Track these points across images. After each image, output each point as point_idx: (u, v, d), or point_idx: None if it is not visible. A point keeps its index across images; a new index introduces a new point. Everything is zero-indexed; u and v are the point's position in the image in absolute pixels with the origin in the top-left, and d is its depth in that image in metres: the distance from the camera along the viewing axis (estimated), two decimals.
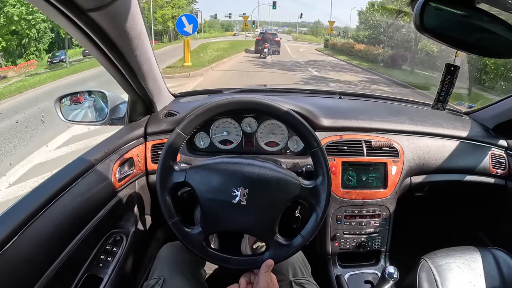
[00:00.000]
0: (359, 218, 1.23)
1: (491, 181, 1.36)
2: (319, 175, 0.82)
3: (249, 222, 0.81)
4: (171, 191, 0.83)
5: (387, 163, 1.21)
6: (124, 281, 1.03)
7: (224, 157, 0.86)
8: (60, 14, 0.68)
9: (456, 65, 0.88)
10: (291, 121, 0.83)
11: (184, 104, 1.37)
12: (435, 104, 0.94)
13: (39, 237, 0.75)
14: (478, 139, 1.36)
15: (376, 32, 22.53)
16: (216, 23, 54.38)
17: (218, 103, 0.83)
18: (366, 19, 24.35)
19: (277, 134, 1.25)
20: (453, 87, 0.90)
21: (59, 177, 0.88)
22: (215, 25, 53.89)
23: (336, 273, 1.21)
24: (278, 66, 13.53)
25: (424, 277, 1.05)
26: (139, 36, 0.88)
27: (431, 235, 1.62)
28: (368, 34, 23.80)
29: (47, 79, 12.63)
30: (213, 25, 53.06)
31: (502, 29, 0.83)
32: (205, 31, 44.57)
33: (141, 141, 1.20)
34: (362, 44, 20.74)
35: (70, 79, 12.46)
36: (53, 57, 18.20)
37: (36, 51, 19.10)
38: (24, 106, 8.16)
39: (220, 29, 51.78)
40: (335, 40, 28.06)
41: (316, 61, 17.43)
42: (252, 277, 0.81)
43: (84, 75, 13.01)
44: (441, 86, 0.91)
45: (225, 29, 53.22)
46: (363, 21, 25.70)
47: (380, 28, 22.13)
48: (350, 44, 22.26)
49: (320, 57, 20.75)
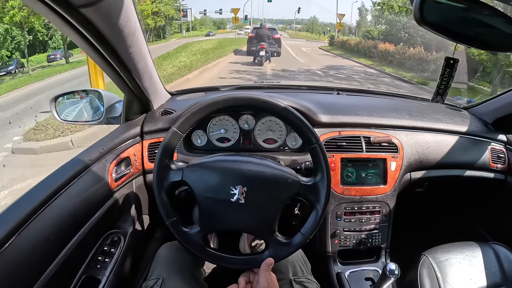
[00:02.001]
0: (359, 214, 1.22)
1: (491, 176, 1.35)
2: (318, 172, 0.81)
3: (248, 220, 0.80)
4: (168, 190, 0.82)
5: (387, 159, 1.20)
6: (122, 282, 1.02)
7: (222, 155, 0.85)
8: (52, 12, 0.67)
9: (456, 58, 0.88)
10: (289, 118, 0.82)
11: (181, 102, 1.36)
12: (435, 97, 0.95)
13: (36, 238, 0.74)
14: (477, 134, 1.35)
15: (393, 28, 18.51)
16: (207, 21, 53.11)
17: (214, 100, 0.82)
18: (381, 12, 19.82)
19: (275, 131, 1.24)
20: (452, 80, 0.90)
21: (55, 178, 0.87)
22: (207, 22, 52.67)
23: (337, 270, 1.20)
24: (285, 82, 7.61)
25: (425, 273, 1.05)
26: (133, 33, 0.87)
27: (432, 231, 1.61)
28: (385, 31, 19.87)
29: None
30: (205, 23, 51.88)
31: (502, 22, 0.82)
32: (195, 29, 42.79)
33: (138, 140, 1.19)
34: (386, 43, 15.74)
35: (25, 90, 10.24)
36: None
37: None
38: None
39: (212, 27, 50.08)
40: (344, 38, 23.21)
41: (337, 68, 12.21)
42: (251, 276, 0.80)
43: (43, 84, 11.01)
44: (441, 79, 0.91)
45: (217, 27, 51.78)
46: (375, 14, 22.67)
47: (398, 24, 17.78)
48: (370, 43, 17.48)
49: (335, 60, 15.74)
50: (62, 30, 0.76)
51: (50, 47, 19.40)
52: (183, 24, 33.05)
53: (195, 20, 45.23)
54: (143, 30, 0.97)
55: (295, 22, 50.40)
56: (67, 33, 0.76)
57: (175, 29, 31.46)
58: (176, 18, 30.53)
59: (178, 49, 16.08)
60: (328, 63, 13.62)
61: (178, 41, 23.82)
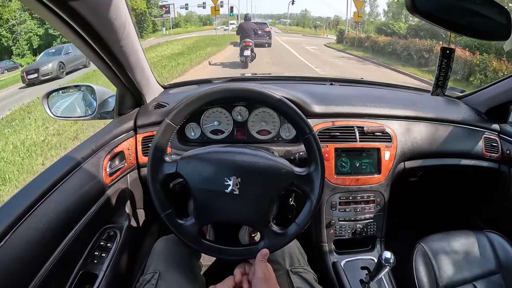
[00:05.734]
0: (354, 204, 1.22)
1: (485, 165, 1.36)
2: (313, 162, 0.81)
3: (243, 211, 0.80)
4: (162, 183, 0.81)
5: (380, 149, 1.20)
6: (119, 277, 1.02)
7: (215, 147, 0.85)
8: (40, 5, 0.66)
9: (452, 47, 0.87)
10: (283, 108, 0.82)
11: (174, 95, 1.35)
12: (435, 90, 0.93)
13: (32, 235, 0.73)
14: (470, 123, 1.36)
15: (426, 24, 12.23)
16: (193, 17, 50.88)
17: (207, 92, 0.81)
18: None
19: (268, 122, 1.24)
20: (450, 71, 0.89)
21: (49, 174, 0.87)
22: (192, 19, 50.68)
23: (333, 260, 1.21)
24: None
25: (420, 261, 1.06)
26: (124, 26, 0.86)
27: (426, 220, 1.63)
28: (416, 26, 15.25)
29: None
30: (191, 19, 49.88)
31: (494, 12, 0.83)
32: (180, 26, 40.76)
33: (131, 134, 1.18)
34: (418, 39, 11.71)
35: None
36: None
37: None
38: None
39: (198, 23, 48.15)
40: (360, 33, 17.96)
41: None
42: (247, 267, 0.80)
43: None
44: (439, 70, 0.89)
45: (203, 23, 49.99)
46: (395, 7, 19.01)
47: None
48: (419, 44, 11.25)
49: (368, 68, 10.74)
50: (52, 24, 0.75)
51: (14, 53, 18.83)
52: (166, 21, 31.32)
53: (179, 17, 42.77)
54: (134, 23, 0.96)
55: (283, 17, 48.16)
56: (57, 26, 0.75)
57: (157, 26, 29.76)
58: (155, 15, 29.09)
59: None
60: (368, 76, 5.71)
61: (155, 40, 21.58)
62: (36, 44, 20.93)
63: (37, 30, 21.03)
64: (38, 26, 20.93)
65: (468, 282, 1.05)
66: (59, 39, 20.99)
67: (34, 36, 20.88)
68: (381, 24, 17.38)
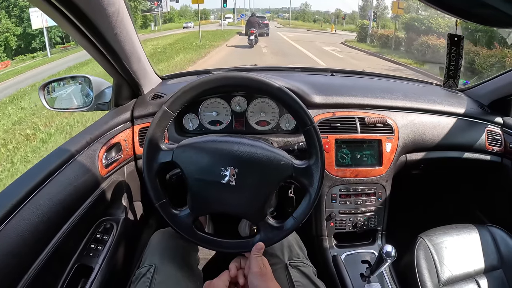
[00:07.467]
0: (355, 196, 1.21)
1: (487, 158, 1.34)
2: (312, 155, 0.79)
3: (239, 203, 0.78)
4: (158, 171, 0.79)
5: (382, 140, 1.18)
6: (115, 269, 1.01)
7: (213, 136, 0.82)
8: None
9: (460, 34, 0.84)
10: (283, 98, 0.79)
11: (172, 86, 1.33)
12: (446, 81, 0.89)
13: (24, 228, 0.72)
14: (473, 115, 1.34)
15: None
16: (188, 11, 49.31)
17: (206, 79, 0.79)
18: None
19: (267, 112, 1.22)
20: (461, 60, 0.85)
21: (42, 166, 0.85)
22: (187, 13, 49.07)
23: (333, 253, 1.19)
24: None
25: (421, 255, 1.05)
26: (117, 12, 0.83)
27: (428, 214, 1.61)
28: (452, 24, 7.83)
29: None
30: (185, 14, 48.53)
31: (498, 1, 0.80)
32: (173, 21, 39.59)
33: (128, 125, 1.16)
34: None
35: None
36: None
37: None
38: None
39: (193, 18, 45.06)
40: (401, 32, 13.90)
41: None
42: (242, 261, 0.79)
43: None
44: (449, 59, 0.85)
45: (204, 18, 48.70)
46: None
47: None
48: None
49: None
50: (45, 11, 0.73)
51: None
52: (157, 16, 30.47)
53: (173, 11, 41.59)
54: (130, 12, 0.94)
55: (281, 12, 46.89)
56: (47, 12, 0.73)
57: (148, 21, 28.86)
58: (142, 9, 28.09)
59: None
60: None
61: (142, 37, 20.15)
62: (14, 44, 20.38)
63: (15, 29, 20.41)
64: (15, 25, 20.31)
65: (470, 276, 1.03)
66: (38, 39, 20.59)
67: (11, 36, 20.25)
68: (410, 19, 13.50)
